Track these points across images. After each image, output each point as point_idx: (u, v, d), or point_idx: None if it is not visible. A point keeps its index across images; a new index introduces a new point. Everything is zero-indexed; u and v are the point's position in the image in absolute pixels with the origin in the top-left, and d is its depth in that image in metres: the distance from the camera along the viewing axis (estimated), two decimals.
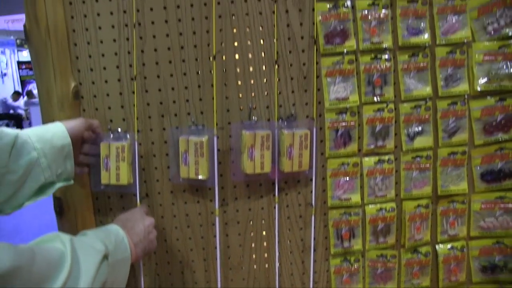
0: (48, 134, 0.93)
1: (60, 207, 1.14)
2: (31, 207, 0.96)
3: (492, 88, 1.14)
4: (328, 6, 1.09)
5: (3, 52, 13.08)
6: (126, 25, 1.09)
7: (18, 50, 13.53)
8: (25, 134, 0.90)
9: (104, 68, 1.11)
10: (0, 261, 0.58)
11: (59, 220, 1.15)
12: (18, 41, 12.95)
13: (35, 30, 1.07)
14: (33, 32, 1.07)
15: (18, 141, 0.88)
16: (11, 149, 0.86)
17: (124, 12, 1.08)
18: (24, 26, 1.09)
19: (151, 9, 1.08)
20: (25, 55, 13.69)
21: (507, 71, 1.13)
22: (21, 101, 10.94)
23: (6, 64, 13.29)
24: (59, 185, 0.96)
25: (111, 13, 1.08)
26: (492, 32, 1.13)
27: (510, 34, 1.12)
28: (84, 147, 1.06)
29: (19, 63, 12.63)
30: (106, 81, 1.11)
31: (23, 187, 0.89)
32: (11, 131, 0.89)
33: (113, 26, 1.09)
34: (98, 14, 1.08)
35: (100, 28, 1.09)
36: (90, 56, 1.10)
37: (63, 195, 1.13)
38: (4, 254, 0.60)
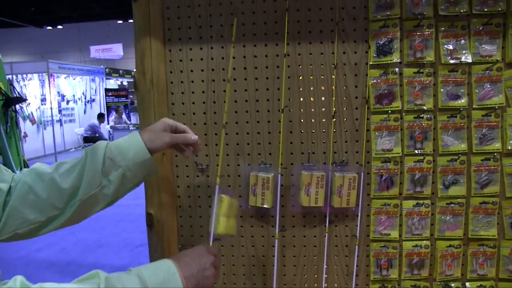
0: (131, 153, 1.06)
1: (151, 221, 1.42)
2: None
3: None
4: (379, 72, 1.30)
5: (93, 80, 13.99)
6: (213, 80, 1.36)
7: (106, 78, 14.39)
8: (111, 153, 1.05)
9: (194, 113, 1.38)
10: None
11: (149, 231, 1.43)
12: (107, 70, 13.81)
13: (142, 81, 1.37)
14: (140, 82, 1.37)
15: (106, 161, 1.04)
16: (101, 169, 1.03)
17: (212, 70, 1.35)
18: (134, 77, 1.39)
19: (234, 69, 1.35)
20: (112, 83, 14.44)
21: None
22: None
23: (95, 91, 14.20)
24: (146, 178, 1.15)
25: (202, 70, 1.36)
26: None
27: None
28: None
29: (106, 90, 13.44)
30: (194, 124, 1.39)
31: (119, 194, 1.10)
32: (100, 150, 1.05)
33: (202, 81, 1.37)
34: (192, 71, 1.37)
35: (192, 81, 1.37)
36: (183, 103, 1.38)
37: (154, 211, 1.41)
38: None
